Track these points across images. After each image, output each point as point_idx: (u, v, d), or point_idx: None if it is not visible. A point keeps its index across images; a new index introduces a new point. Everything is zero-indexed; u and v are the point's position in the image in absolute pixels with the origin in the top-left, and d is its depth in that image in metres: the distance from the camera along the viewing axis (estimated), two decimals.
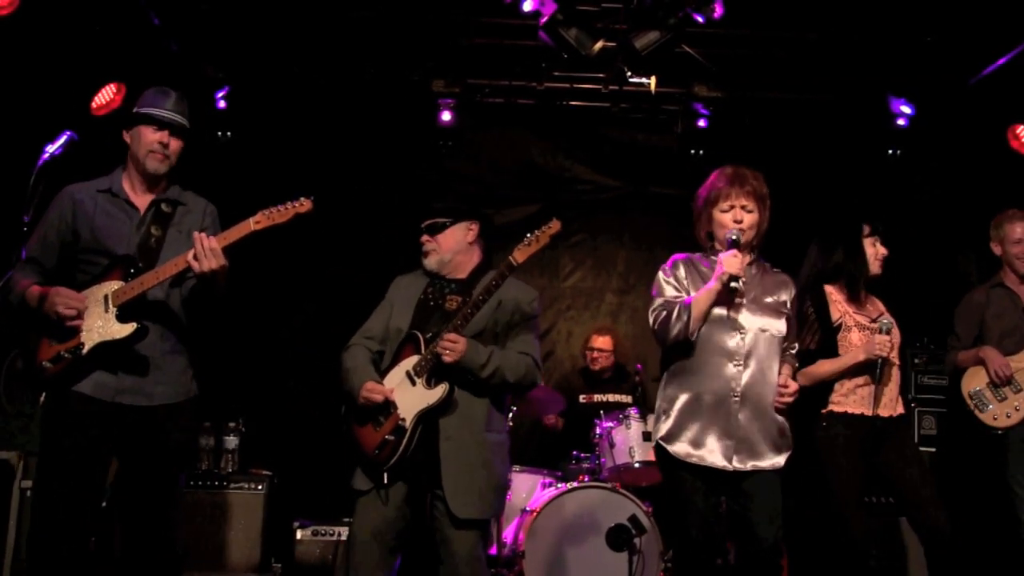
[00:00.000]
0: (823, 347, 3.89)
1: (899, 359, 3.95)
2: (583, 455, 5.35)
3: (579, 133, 6.90)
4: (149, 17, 5.35)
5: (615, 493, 4.76)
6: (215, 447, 5.28)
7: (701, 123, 6.44)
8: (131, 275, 3.24)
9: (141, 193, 3.43)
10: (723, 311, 3.43)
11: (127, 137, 3.42)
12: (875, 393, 3.81)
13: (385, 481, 3.38)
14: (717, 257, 3.44)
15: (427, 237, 3.63)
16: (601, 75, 6.17)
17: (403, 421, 3.38)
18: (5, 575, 4.47)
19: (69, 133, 3.09)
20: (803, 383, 3.72)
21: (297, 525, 5.26)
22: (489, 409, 3.50)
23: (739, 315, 3.43)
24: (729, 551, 4.77)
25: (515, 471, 5.24)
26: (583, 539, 4.67)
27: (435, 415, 3.39)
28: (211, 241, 3.14)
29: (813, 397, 3.85)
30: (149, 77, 3.49)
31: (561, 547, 4.68)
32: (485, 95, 6.50)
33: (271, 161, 6.39)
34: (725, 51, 5.98)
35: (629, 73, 5.79)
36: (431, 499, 3.41)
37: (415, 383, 3.41)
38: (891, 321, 3.85)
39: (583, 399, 5.96)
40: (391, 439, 3.37)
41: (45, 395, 3.32)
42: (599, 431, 5.18)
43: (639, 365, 5.74)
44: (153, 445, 3.29)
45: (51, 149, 3.04)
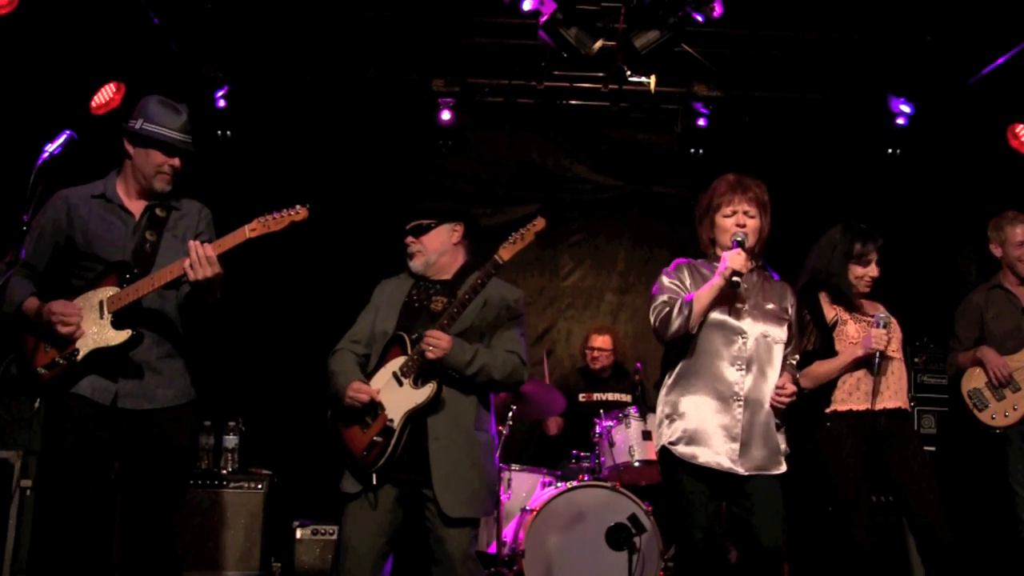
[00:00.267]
0: (821, 347, 3.89)
1: (902, 355, 3.93)
2: (583, 454, 5.35)
3: (579, 132, 6.91)
4: (149, 16, 5.34)
5: (615, 492, 4.75)
6: (215, 446, 5.27)
7: (701, 122, 6.45)
8: (126, 281, 3.23)
9: (136, 199, 3.42)
10: (725, 316, 3.44)
11: (131, 149, 3.38)
12: (875, 386, 3.79)
13: (374, 483, 3.37)
14: (721, 256, 3.46)
15: (412, 239, 3.63)
16: (601, 74, 6.17)
17: (391, 422, 3.37)
18: (5, 572, 4.46)
19: (69, 132, 3.07)
20: (806, 385, 3.75)
21: (297, 525, 5.26)
22: (477, 408, 3.50)
23: (741, 321, 3.44)
24: (729, 550, 4.78)
25: (515, 470, 5.25)
26: (583, 538, 4.67)
27: (423, 415, 3.38)
28: (206, 249, 3.13)
29: (815, 397, 3.84)
30: (149, 77, 3.48)
31: (561, 546, 4.68)
32: (485, 94, 6.50)
33: (271, 160, 6.40)
34: (725, 50, 5.99)
35: (629, 72, 5.79)
36: (422, 499, 3.40)
37: (402, 384, 3.40)
38: (888, 316, 3.84)
39: (583, 398, 5.96)
40: (379, 440, 3.36)
41: (41, 401, 3.31)
42: (599, 430, 5.18)
43: (638, 364, 5.74)
44: (154, 448, 3.30)
45: (51, 148, 3.02)
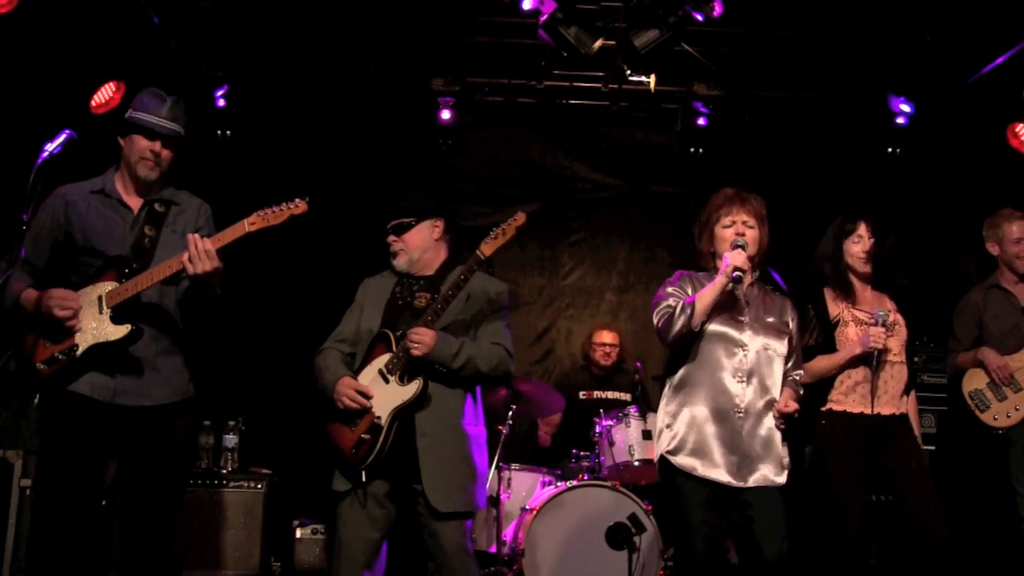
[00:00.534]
0: (823, 344, 3.89)
1: (905, 358, 3.91)
2: (582, 453, 5.34)
3: (579, 132, 6.90)
4: (149, 16, 5.34)
5: (615, 491, 4.75)
6: (215, 446, 5.27)
7: (701, 122, 6.45)
8: (125, 276, 3.23)
9: (134, 194, 3.42)
10: (726, 328, 3.46)
11: (121, 141, 3.41)
12: (872, 389, 3.79)
13: (364, 480, 3.40)
14: (723, 258, 3.47)
15: (394, 237, 3.66)
16: (601, 74, 6.16)
17: (378, 419, 3.39)
18: (5, 572, 4.46)
19: (68, 132, 3.08)
20: (805, 380, 3.75)
21: (297, 524, 5.27)
22: (464, 402, 3.53)
23: (741, 333, 3.47)
24: (729, 549, 4.78)
25: (514, 469, 5.25)
26: (583, 537, 4.67)
27: (411, 411, 3.41)
28: (205, 243, 3.13)
29: (813, 395, 3.84)
30: (149, 76, 3.49)
31: (561, 545, 4.68)
32: (485, 93, 6.50)
33: (270, 159, 6.39)
34: (725, 50, 5.99)
35: (629, 72, 5.78)
36: (412, 495, 3.43)
37: (388, 381, 3.43)
38: (888, 312, 3.80)
39: (583, 396, 5.96)
40: (367, 438, 3.39)
41: (39, 397, 3.31)
42: (599, 429, 5.18)
43: (638, 363, 5.74)
44: (152, 445, 3.29)
45: (50, 148, 3.02)
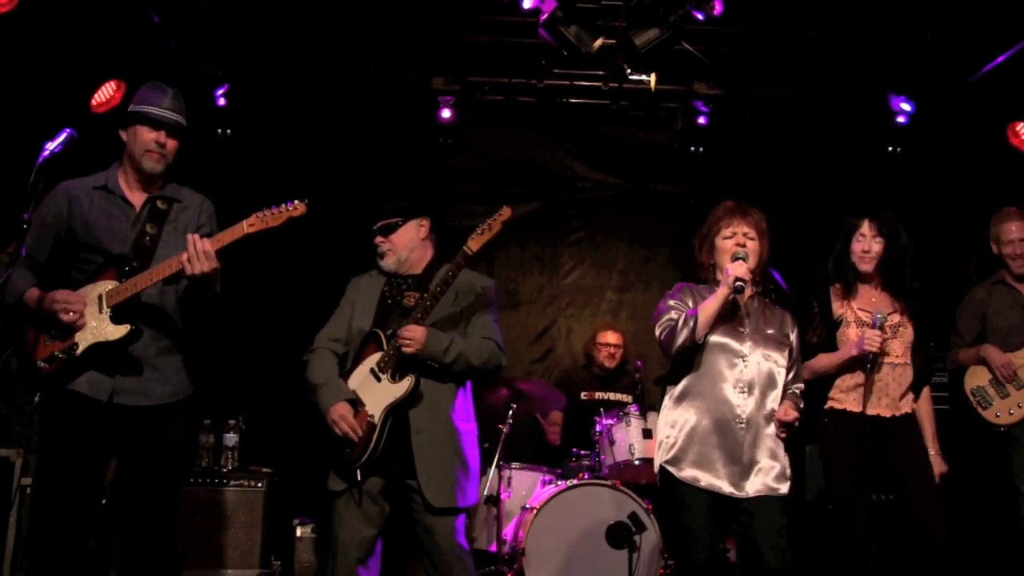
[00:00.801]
0: (825, 342, 3.92)
1: (910, 359, 3.90)
2: (583, 452, 5.34)
3: (579, 131, 6.89)
4: (149, 15, 5.33)
5: (615, 490, 4.75)
6: (215, 445, 5.26)
7: (701, 120, 6.44)
8: (125, 275, 3.23)
9: (137, 190, 3.42)
10: (727, 339, 3.48)
11: (123, 135, 3.41)
12: (866, 389, 3.79)
13: (358, 479, 3.42)
14: (725, 268, 3.48)
15: (381, 238, 3.69)
16: (601, 72, 6.16)
17: (372, 418, 3.42)
18: (5, 571, 4.46)
19: (69, 131, 3.08)
20: (806, 377, 3.80)
21: (297, 523, 5.27)
22: (456, 398, 3.56)
23: (742, 344, 3.48)
24: (729, 549, 4.77)
25: (515, 469, 5.25)
26: (583, 536, 4.67)
27: (404, 408, 3.43)
28: (204, 244, 3.13)
29: (816, 393, 3.86)
30: (149, 75, 3.49)
31: (561, 544, 4.67)
32: (485, 92, 6.48)
33: (270, 158, 6.38)
34: (725, 49, 5.97)
35: (629, 70, 5.78)
36: (406, 490, 3.45)
37: (380, 379, 3.46)
38: (886, 315, 3.80)
39: (584, 396, 5.96)
40: (361, 437, 3.41)
41: (40, 395, 3.32)
42: (599, 428, 5.18)
43: (639, 363, 5.73)
44: (152, 444, 3.30)
45: (51, 146, 3.02)
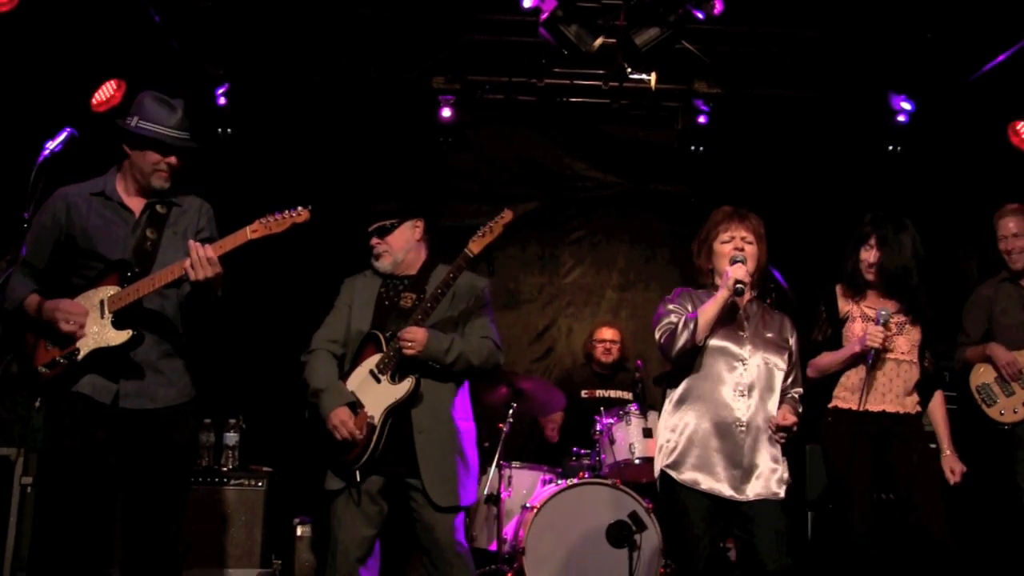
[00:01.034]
0: (830, 340, 3.93)
1: (916, 357, 3.91)
2: (583, 451, 5.35)
3: (579, 130, 6.89)
4: (149, 14, 5.33)
5: (615, 490, 4.75)
6: (215, 444, 5.27)
7: (701, 120, 6.43)
8: (127, 280, 3.23)
9: (135, 195, 3.41)
10: (726, 343, 3.49)
11: (128, 149, 3.35)
12: (866, 386, 3.79)
13: (358, 479, 3.43)
14: (723, 274, 3.48)
15: (377, 240, 3.70)
16: (601, 72, 6.16)
17: (371, 419, 3.43)
18: (5, 571, 4.47)
19: (69, 130, 3.08)
20: (811, 375, 3.86)
21: (297, 522, 5.27)
22: (456, 396, 3.58)
23: (741, 348, 3.49)
24: (730, 548, 4.78)
25: (515, 468, 5.26)
26: (583, 536, 4.67)
27: (404, 409, 3.45)
28: (207, 250, 3.13)
29: (820, 392, 3.88)
30: (149, 74, 3.49)
31: (561, 544, 4.67)
32: (485, 92, 6.48)
33: (271, 158, 6.38)
34: (725, 48, 5.97)
35: (629, 70, 5.79)
36: (406, 489, 3.46)
37: (380, 380, 3.47)
38: (890, 312, 3.81)
39: (584, 394, 5.96)
40: (360, 438, 3.42)
41: (41, 400, 3.31)
42: (599, 427, 5.18)
43: (639, 362, 5.73)
44: (157, 448, 3.30)
45: (51, 146, 3.02)
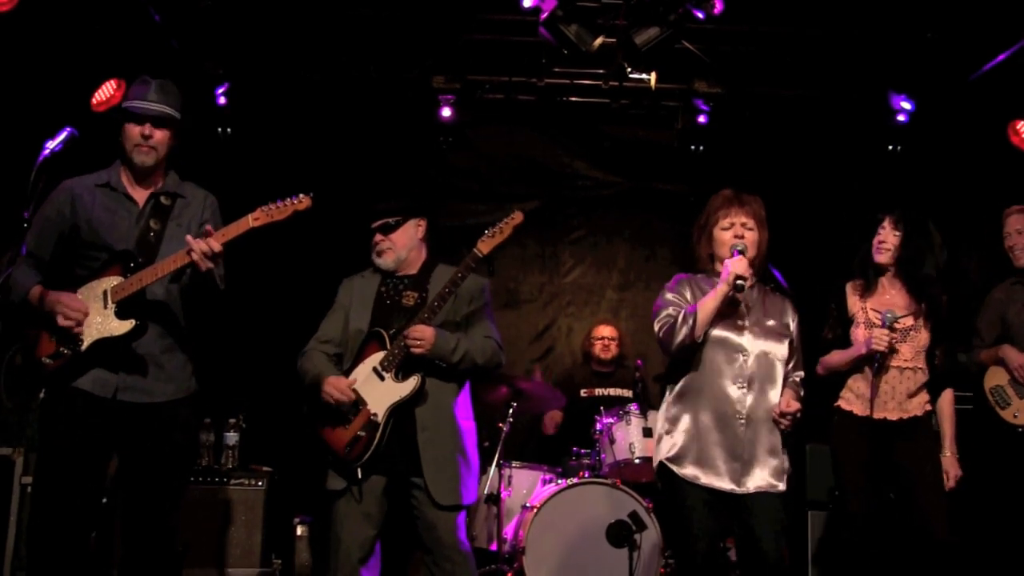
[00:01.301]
0: (840, 339, 3.94)
1: (924, 363, 3.87)
2: (583, 451, 5.35)
3: (579, 129, 6.89)
4: (149, 13, 5.34)
5: (615, 489, 4.75)
6: (215, 443, 5.27)
7: (701, 119, 6.43)
8: (130, 270, 3.23)
9: (139, 187, 3.42)
10: (726, 334, 3.46)
11: (120, 137, 3.41)
12: (872, 393, 3.78)
13: (359, 477, 3.43)
14: (723, 263, 3.45)
15: (380, 237, 3.69)
16: (601, 71, 6.16)
17: (375, 416, 3.43)
18: (5, 571, 4.47)
19: (69, 129, 3.08)
20: (820, 372, 3.91)
21: (297, 521, 5.28)
22: (458, 396, 3.59)
23: (741, 338, 3.46)
24: (729, 548, 4.78)
25: (515, 467, 5.26)
26: (583, 535, 4.67)
27: (408, 407, 3.45)
28: (211, 244, 3.12)
29: (829, 391, 3.91)
30: (150, 73, 3.49)
31: (561, 543, 4.68)
32: (485, 91, 6.48)
33: (271, 157, 6.38)
34: (725, 47, 5.97)
35: (629, 69, 5.79)
36: (408, 487, 3.46)
37: (383, 378, 3.46)
38: (895, 315, 3.79)
39: (584, 393, 5.96)
40: (363, 435, 3.43)
41: (44, 391, 3.31)
42: (599, 427, 5.18)
43: (639, 361, 5.74)
44: (156, 443, 3.29)
45: (51, 145, 3.03)
